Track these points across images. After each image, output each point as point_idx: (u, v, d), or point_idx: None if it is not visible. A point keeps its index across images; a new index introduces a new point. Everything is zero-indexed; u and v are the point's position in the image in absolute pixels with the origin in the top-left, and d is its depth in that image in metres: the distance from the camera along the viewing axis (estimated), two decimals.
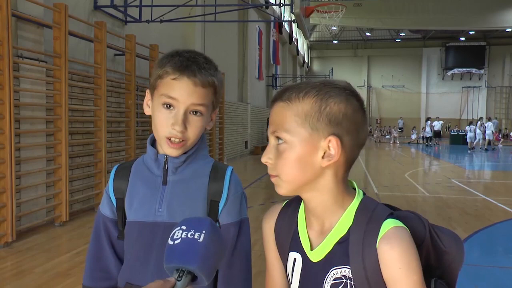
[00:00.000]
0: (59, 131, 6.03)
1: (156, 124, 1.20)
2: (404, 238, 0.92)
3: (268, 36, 23.03)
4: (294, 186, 0.97)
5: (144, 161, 1.29)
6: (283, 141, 0.95)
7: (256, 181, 10.78)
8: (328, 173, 0.96)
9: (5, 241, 4.97)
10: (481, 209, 7.73)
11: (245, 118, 18.37)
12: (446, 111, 37.98)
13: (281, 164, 0.96)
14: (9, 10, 4.99)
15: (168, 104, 1.17)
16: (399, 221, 0.95)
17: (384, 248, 0.91)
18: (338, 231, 0.97)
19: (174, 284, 0.76)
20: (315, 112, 0.93)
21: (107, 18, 7.75)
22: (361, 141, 0.98)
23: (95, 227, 1.32)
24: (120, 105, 7.97)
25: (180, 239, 0.80)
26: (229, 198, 1.25)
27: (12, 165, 5.07)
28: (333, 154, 0.93)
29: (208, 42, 12.61)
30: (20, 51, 5.48)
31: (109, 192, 1.31)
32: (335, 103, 0.94)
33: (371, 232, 0.93)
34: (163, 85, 1.18)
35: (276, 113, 0.98)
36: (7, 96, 4.98)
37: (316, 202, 0.99)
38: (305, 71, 38.98)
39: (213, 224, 0.84)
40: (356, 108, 0.96)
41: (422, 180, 12.21)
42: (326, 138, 0.93)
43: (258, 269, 4.42)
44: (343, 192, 0.99)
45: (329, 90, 0.95)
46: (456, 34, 37.09)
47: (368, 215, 0.96)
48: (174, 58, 1.19)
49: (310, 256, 1.00)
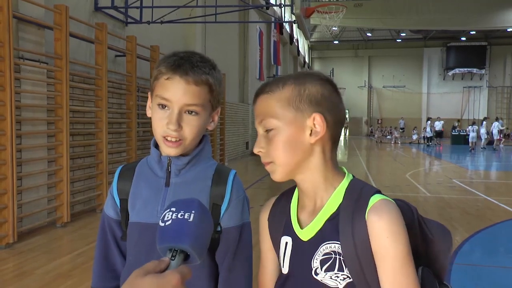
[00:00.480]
0: (60, 132, 6.03)
1: (153, 125, 1.21)
2: (392, 209, 0.96)
3: (268, 36, 23.03)
4: (288, 168, 1.02)
5: (148, 163, 1.30)
6: (271, 128, 1.01)
7: (257, 182, 10.78)
8: (317, 150, 1.02)
9: (7, 242, 4.98)
10: (482, 209, 7.72)
11: (246, 119, 18.37)
12: (447, 111, 37.93)
13: (272, 149, 1.01)
14: (10, 11, 5.00)
15: (163, 104, 1.18)
16: (386, 196, 1.00)
17: (372, 218, 0.95)
18: (328, 208, 1.01)
19: (169, 263, 0.78)
20: (296, 95, 1.01)
21: (108, 20, 7.75)
22: (341, 119, 1.05)
23: (101, 227, 1.33)
24: (121, 106, 7.98)
25: (171, 220, 0.82)
26: (231, 202, 1.24)
27: (14, 167, 5.07)
28: (319, 130, 1.00)
29: (209, 43, 12.62)
30: (21, 53, 5.48)
31: (113, 193, 1.31)
32: (313, 85, 1.02)
33: (359, 206, 0.97)
34: (158, 85, 1.19)
35: (260, 105, 1.05)
36: (8, 98, 4.99)
37: (308, 182, 1.04)
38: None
39: (201, 204, 0.86)
40: (331, 90, 1.04)
41: (423, 180, 12.20)
42: (310, 116, 1.00)
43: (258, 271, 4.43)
44: (332, 171, 1.04)
45: (304, 77, 1.04)
46: (457, 34, 37.06)
47: (357, 192, 1.00)
48: (169, 59, 1.19)
49: (300, 235, 1.03)
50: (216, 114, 1.29)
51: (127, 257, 1.28)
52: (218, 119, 1.33)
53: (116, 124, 7.85)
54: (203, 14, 10.71)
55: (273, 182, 1.02)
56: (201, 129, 1.23)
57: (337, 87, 1.06)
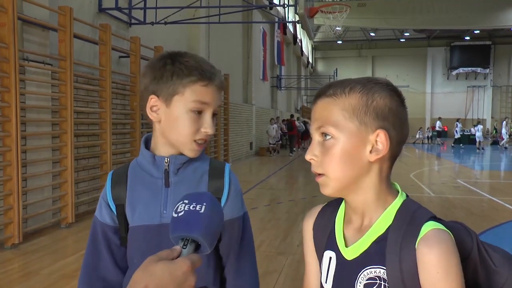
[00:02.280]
0: (64, 133, 6.05)
1: (182, 129, 1.21)
2: (445, 242, 0.87)
3: (272, 37, 23.04)
4: (341, 184, 0.95)
5: (139, 164, 1.29)
6: (330, 136, 0.94)
7: (261, 182, 10.78)
8: (374, 169, 0.95)
9: (12, 243, 5.00)
10: (487, 210, 7.69)
11: (250, 119, 18.38)
12: (451, 111, 37.82)
13: (328, 161, 0.94)
14: (15, 13, 5.02)
15: (199, 110, 1.21)
16: (441, 225, 0.91)
17: (423, 250, 0.87)
18: (376, 229, 0.95)
19: (180, 252, 0.83)
20: (362, 106, 0.93)
21: (112, 21, 7.78)
22: (404, 137, 0.97)
23: (92, 235, 1.31)
24: (125, 107, 8.00)
25: (183, 211, 0.87)
26: (231, 194, 1.27)
27: (19, 167, 5.10)
28: (380, 148, 0.92)
29: (213, 44, 12.63)
30: (26, 54, 5.51)
31: (107, 199, 1.30)
32: (381, 97, 0.93)
33: (410, 233, 0.90)
34: (192, 91, 1.20)
35: (321, 108, 0.97)
36: (13, 99, 5.01)
37: (359, 201, 0.97)
38: (310, 71, 38.94)
39: (212, 197, 0.91)
40: (399, 104, 0.96)
41: (428, 180, 12.17)
42: (374, 132, 0.92)
43: (265, 270, 4.44)
44: (386, 190, 0.97)
45: (373, 86, 0.95)
46: (461, 33, 36.94)
47: (409, 215, 0.93)
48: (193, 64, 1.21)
49: (344, 253, 0.98)
50: None
51: (131, 261, 1.27)
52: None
53: (120, 125, 7.87)
54: (207, 14, 10.72)
55: (276, 183, 1.01)
56: None
57: (404, 100, 0.98)
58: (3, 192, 5.05)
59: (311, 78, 36.16)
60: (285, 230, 6.04)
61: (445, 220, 0.99)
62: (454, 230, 0.93)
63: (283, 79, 26.14)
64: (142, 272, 0.78)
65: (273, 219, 6.81)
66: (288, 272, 4.40)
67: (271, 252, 5.03)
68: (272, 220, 6.72)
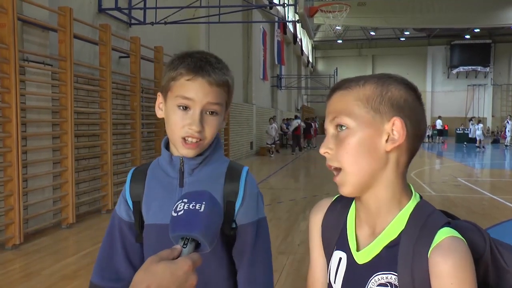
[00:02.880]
0: (65, 134, 6.06)
1: (172, 126, 1.20)
2: (460, 251, 0.84)
3: (272, 36, 23.03)
4: (359, 178, 0.91)
5: (160, 164, 1.29)
6: (345, 127, 0.91)
7: (262, 182, 10.78)
8: (392, 160, 0.92)
9: (13, 243, 5.01)
10: (488, 208, 7.69)
11: (250, 119, 18.38)
12: (451, 109, 37.83)
13: (343, 152, 0.91)
14: (15, 14, 5.02)
15: (184, 105, 1.18)
16: (456, 232, 0.87)
17: (436, 259, 0.84)
18: (388, 234, 0.91)
19: (181, 251, 0.83)
20: (377, 96, 0.91)
21: (112, 21, 7.78)
22: (422, 133, 0.94)
23: (110, 228, 1.32)
24: (125, 107, 8.00)
25: (183, 210, 0.87)
26: (245, 198, 1.24)
27: (19, 168, 5.10)
28: (397, 137, 0.89)
29: (213, 43, 12.63)
30: (26, 55, 5.51)
31: (125, 195, 1.31)
32: (396, 89, 0.92)
33: (424, 239, 0.87)
34: (177, 86, 1.19)
35: (335, 101, 0.95)
36: (13, 100, 5.02)
37: (373, 200, 0.94)
38: (310, 71, 38.94)
39: (211, 196, 0.90)
40: (415, 99, 0.94)
41: (428, 179, 12.16)
42: (389, 120, 0.90)
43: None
44: (401, 189, 0.94)
45: (388, 79, 0.94)
46: (461, 32, 36.93)
47: (422, 220, 0.89)
48: (187, 60, 1.20)
49: (355, 257, 0.95)
50: (227, 113, 1.31)
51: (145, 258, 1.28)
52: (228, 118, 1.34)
53: (121, 125, 7.87)
54: (207, 14, 10.72)
55: (277, 183, 1.01)
56: (218, 129, 1.24)
57: (421, 97, 0.96)
58: (4, 193, 5.05)
59: (311, 77, 36.19)
60: (285, 230, 6.04)
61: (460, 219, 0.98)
62: (467, 231, 0.91)
63: (283, 79, 26.13)
64: (143, 273, 0.79)
65: (273, 218, 6.81)
66: (289, 271, 4.40)
67: (272, 251, 5.02)
68: (273, 219, 6.71)
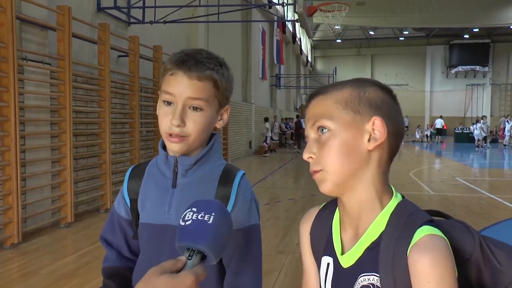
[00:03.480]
0: (63, 133, 6.05)
1: (159, 121, 1.21)
2: (439, 249, 0.83)
3: (271, 35, 23.03)
4: (340, 177, 0.91)
5: (157, 163, 1.30)
6: (326, 130, 0.92)
7: (260, 181, 10.78)
8: (374, 159, 0.92)
9: (11, 242, 5.00)
10: (486, 207, 7.70)
11: (249, 118, 18.38)
12: (450, 109, 37.85)
13: (325, 154, 0.91)
14: (13, 13, 5.01)
15: (168, 100, 1.18)
16: (437, 230, 0.87)
17: (414, 257, 0.84)
18: (370, 235, 0.92)
19: (185, 262, 0.80)
20: (355, 97, 0.93)
21: (111, 20, 7.77)
22: (401, 130, 0.96)
23: (110, 217, 1.35)
24: (124, 107, 7.99)
25: (191, 221, 0.84)
26: (237, 203, 1.22)
27: (18, 167, 5.09)
28: (378, 136, 0.91)
29: (212, 43, 12.62)
30: (25, 54, 5.50)
31: (123, 193, 1.32)
32: (373, 90, 0.94)
33: (403, 239, 0.86)
34: (163, 82, 1.20)
35: (314, 106, 0.97)
36: (12, 99, 5.01)
37: (355, 200, 0.94)
38: (309, 70, 38.93)
39: (222, 206, 0.88)
40: (391, 99, 0.96)
41: (427, 178, 12.17)
42: (369, 120, 0.91)
43: (265, 269, 4.40)
44: (383, 188, 0.94)
45: (363, 82, 0.97)
46: (460, 31, 36.95)
47: (403, 220, 0.89)
48: (175, 56, 1.20)
49: (341, 261, 0.96)
50: (226, 112, 1.28)
51: (140, 257, 1.29)
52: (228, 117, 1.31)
53: (119, 124, 7.86)
54: (206, 13, 10.71)
55: (275, 182, 1.00)
56: (207, 126, 1.21)
57: (396, 98, 0.99)
58: (2, 192, 5.04)
59: (310, 77, 36.17)
60: (284, 229, 6.04)
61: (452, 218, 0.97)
62: (456, 230, 0.91)
63: (282, 78, 26.13)
64: (144, 285, 0.76)
65: (272, 217, 6.81)
66: (287, 270, 4.40)
67: (271, 251, 5.03)
68: (272, 218, 6.72)
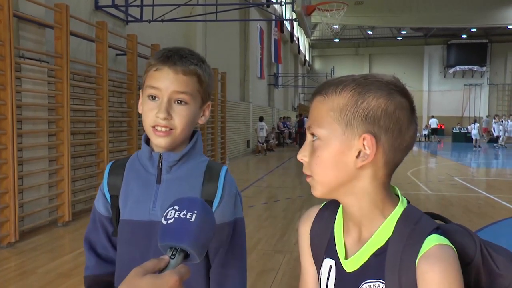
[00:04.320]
0: (61, 131, 6.03)
1: (143, 116, 1.22)
2: (448, 260, 0.82)
3: (269, 35, 23.02)
4: (328, 188, 0.90)
5: (139, 159, 1.29)
6: (317, 137, 0.90)
7: (258, 180, 10.78)
8: (365, 175, 0.88)
9: (8, 241, 4.98)
10: (484, 207, 7.71)
11: (247, 117, 18.37)
12: (448, 108, 37.92)
13: (314, 163, 0.90)
14: (10, 10, 5.00)
15: (153, 95, 1.20)
16: (445, 238, 0.85)
17: (424, 267, 0.82)
18: (375, 241, 0.89)
19: (168, 262, 0.79)
20: (351, 106, 0.86)
21: (108, 18, 7.75)
22: (405, 143, 0.88)
23: (92, 217, 1.35)
24: (122, 105, 7.98)
25: (173, 219, 0.82)
26: (223, 198, 1.24)
27: (15, 166, 5.08)
28: (368, 153, 0.86)
29: (210, 41, 12.61)
30: (22, 52, 5.48)
31: (103, 189, 1.32)
32: (374, 97, 0.86)
33: (411, 247, 0.84)
34: (148, 77, 1.21)
35: (313, 107, 0.93)
36: (9, 97, 4.99)
37: (354, 207, 0.92)
38: (307, 69, 38.94)
39: (204, 204, 0.86)
40: (400, 106, 0.87)
41: (425, 178, 12.19)
42: (360, 136, 0.86)
43: (263, 268, 4.44)
44: (383, 199, 0.90)
45: (369, 84, 0.88)
46: (457, 31, 37.00)
47: (410, 227, 0.87)
48: (158, 53, 1.23)
49: (344, 265, 0.94)
50: (207, 108, 1.30)
51: (119, 255, 1.28)
52: (209, 114, 1.32)
53: (117, 123, 7.85)
54: (204, 12, 10.70)
55: (273, 181, 1.00)
56: (191, 121, 1.23)
57: (411, 101, 0.90)
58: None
59: (308, 76, 36.18)
60: (282, 228, 6.04)
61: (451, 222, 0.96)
62: (457, 236, 0.90)
63: (280, 77, 26.12)
64: (126, 287, 0.73)
65: (270, 217, 6.80)
66: (285, 270, 4.40)
67: (269, 250, 5.03)
68: (269, 218, 6.71)
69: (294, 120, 21.81)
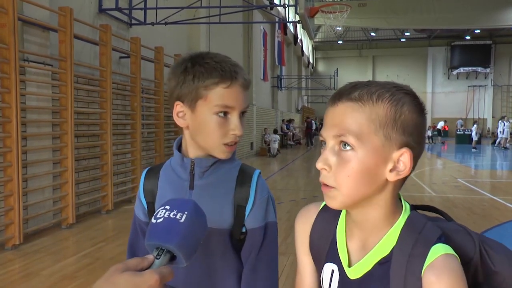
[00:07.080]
0: (65, 134, 6.05)
1: (210, 133, 1.19)
2: (454, 270, 0.82)
3: (273, 37, 23.03)
4: (352, 200, 0.87)
5: (172, 165, 1.30)
6: (350, 147, 0.84)
7: None
8: (391, 187, 0.88)
9: (13, 243, 5.00)
10: (488, 209, 7.68)
11: (250, 119, 18.37)
12: (451, 110, 37.84)
13: (343, 175, 0.85)
14: (15, 14, 5.02)
15: (224, 112, 1.18)
16: (450, 247, 0.85)
17: (430, 278, 0.81)
18: (380, 250, 0.89)
19: (153, 261, 0.76)
20: (391, 119, 0.84)
21: (112, 21, 7.77)
22: (422, 152, 0.90)
23: (133, 222, 1.38)
24: (125, 108, 7.99)
25: (162, 218, 0.81)
26: (256, 203, 1.24)
27: (19, 168, 5.10)
28: (402, 169, 0.85)
29: (213, 44, 12.63)
30: (26, 55, 5.50)
31: (140, 195, 1.33)
32: (409, 111, 0.85)
33: (417, 257, 0.84)
34: (214, 95, 1.17)
35: (343, 113, 0.86)
36: (13, 100, 5.01)
37: (367, 216, 0.90)
38: (310, 71, 38.95)
39: (196, 206, 0.85)
40: (422, 116, 0.88)
41: (429, 179, 12.15)
42: (398, 149, 0.84)
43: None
44: (394, 207, 0.90)
45: (402, 96, 0.86)
46: (461, 33, 36.93)
47: (414, 236, 0.86)
48: (216, 65, 1.18)
49: (347, 272, 0.93)
50: None
51: None
52: None
53: (121, 126, 7.86)
54: (207, 15, 10.72)
55: (276, 183, 0.99)
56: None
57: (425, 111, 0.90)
58: (4, 193, 5.05)
59: (311, 78, 36.17)
60: (286, 230, 6.03)
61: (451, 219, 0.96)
62: (458, 234, 0.91)
63: (284, 79, 26.13)
64: (104, 282, 0.70)
65: None
66: (289, 272, 4.39)
67: None
68: None
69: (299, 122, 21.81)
